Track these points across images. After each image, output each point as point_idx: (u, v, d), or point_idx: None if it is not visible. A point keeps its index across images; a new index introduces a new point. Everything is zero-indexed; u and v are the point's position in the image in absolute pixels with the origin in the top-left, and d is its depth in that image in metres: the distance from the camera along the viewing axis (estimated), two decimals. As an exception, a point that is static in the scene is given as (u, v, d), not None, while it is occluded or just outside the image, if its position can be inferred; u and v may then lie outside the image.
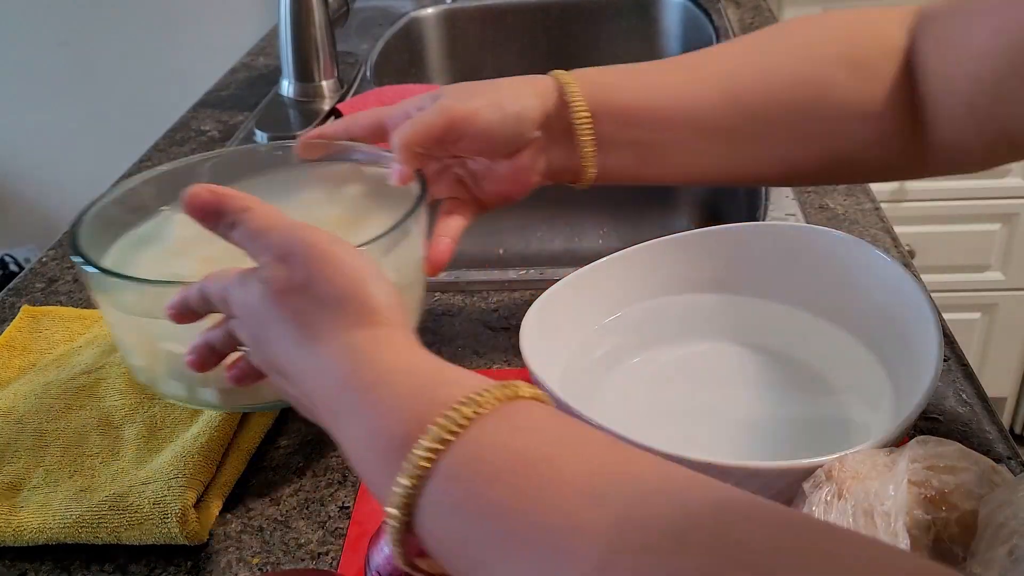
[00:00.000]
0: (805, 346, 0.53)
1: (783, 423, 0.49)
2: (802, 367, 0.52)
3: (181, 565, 0.46)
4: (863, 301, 0.52)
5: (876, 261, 0.52)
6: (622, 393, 0.53)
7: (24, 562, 0.47)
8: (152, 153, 0.93)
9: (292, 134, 0.90)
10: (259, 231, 0.38)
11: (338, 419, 0.34)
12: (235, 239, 0.40)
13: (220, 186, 0.40)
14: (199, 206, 0.40)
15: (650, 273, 0.57)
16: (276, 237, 0.38)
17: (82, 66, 1.76)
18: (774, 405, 0.50)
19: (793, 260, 0.55)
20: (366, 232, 0.49)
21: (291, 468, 0.51)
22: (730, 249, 0.57)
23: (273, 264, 0.37)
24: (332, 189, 0.57)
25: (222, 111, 1.01)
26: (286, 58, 0.96)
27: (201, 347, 0.42)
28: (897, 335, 0.48)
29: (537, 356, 0.48)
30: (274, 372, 0.39)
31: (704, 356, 0.55)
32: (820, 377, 0.51)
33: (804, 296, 0.54)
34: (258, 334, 0.38)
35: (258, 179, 0.57)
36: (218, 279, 0.40)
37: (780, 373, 0.52)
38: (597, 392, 0.53)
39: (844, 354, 0.51)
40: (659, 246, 0.57)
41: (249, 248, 0.39)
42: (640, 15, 1.26)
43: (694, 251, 0.57)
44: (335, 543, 0.46)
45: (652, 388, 0.53)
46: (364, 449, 0.32)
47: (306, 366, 0.35)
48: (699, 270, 0.57)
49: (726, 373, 0.53)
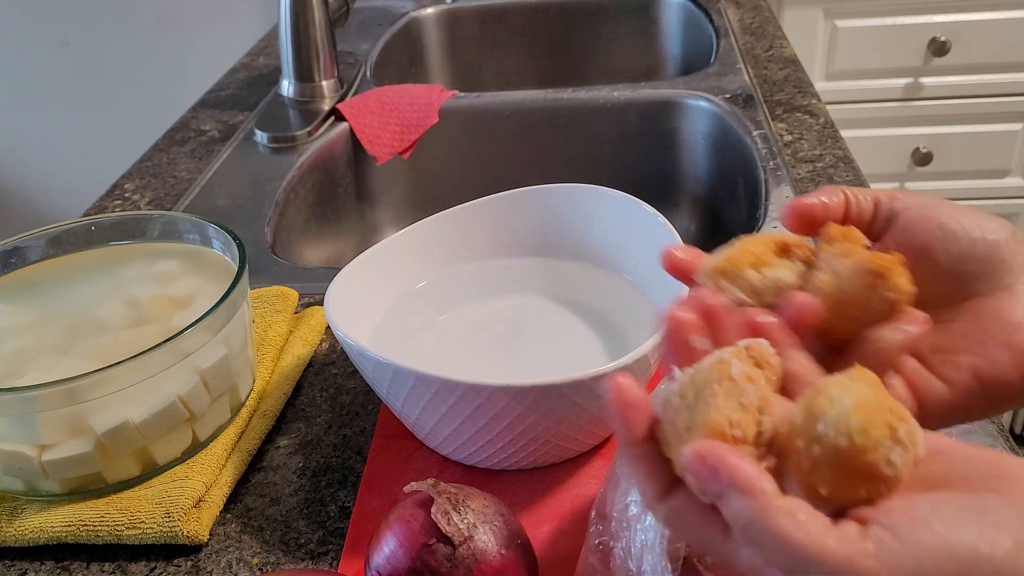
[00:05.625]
0: (595, 294, 0.60)
1: (575, 353, 0.56)
2: (593, 312, 0.59)
3: (181, 565, 0.46)
4: (635, 249, 0.59)
5: (645, 214, 0.57)
6: (431, 345, 0.56)
7: (24, 561, 0.47)
8: (152, 153, 0.93)
9: (291, 134, 0.90)
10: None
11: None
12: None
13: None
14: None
15: (455, 239, 0.61)
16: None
17: (82, 66, 1.76)
18: (567, 344, 0.57)
19: (588, 217, 0.61)
20: (195, 309, 0.51)
21: (291, 468, 0.51)
22: (530, 212, 0.62)
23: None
24: (146, 265, 0.57)
25: (222, 111, 1.01)
26: (286, 58, 0.96)
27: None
28: (660, 274, 0.52)
29: (344, 321, 0.49)
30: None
31: (505, 311, 0.60)
32: (608, 320, 0.58)
33: (591, 251, 0.61)
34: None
35: (87, 253, 0.59)
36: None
37: (575, 319, 0.59)
38: (406, 346, 0.56)
39: (623, 296, 0.59)
40: (455, 214, 0.60)
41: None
42: (640, 15, 1.26)
43: (495, 215, 0.61)
44: (335, 543, 0.46)
45: (458, 340, 0.57)
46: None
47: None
48: (499, 235, 0.61)
49: (527, 323, 0.59)
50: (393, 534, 0.38)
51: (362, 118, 0.94)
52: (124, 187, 0.86)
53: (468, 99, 0.97)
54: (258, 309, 0.61)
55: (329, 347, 0.61)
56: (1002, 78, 1.46)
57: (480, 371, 0.44)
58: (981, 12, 1.43)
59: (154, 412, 0.47)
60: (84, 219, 0.59)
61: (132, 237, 0.59)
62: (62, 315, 0.54)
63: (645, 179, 0.96)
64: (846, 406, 0.26)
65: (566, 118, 0.96)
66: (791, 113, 0.89)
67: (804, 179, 0.76)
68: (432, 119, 0.95)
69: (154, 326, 0.53)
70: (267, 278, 0.67)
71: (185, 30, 1.71)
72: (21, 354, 0.51)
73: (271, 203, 0.80)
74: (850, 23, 1.45)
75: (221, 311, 0.49)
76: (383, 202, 0.99)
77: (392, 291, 0.58)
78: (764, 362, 0.29)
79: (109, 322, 0.53)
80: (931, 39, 1.44)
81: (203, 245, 0.58)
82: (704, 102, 0.91)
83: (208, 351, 0.49)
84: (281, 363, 0.58)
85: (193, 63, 1.67)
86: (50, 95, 1.80)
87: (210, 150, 0.92)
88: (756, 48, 1.07)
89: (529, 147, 0.97)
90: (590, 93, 0.95)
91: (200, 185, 0.85)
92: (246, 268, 0.52)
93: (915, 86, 1.48)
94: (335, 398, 0.56)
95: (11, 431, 0.46)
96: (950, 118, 1.50)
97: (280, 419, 0.55)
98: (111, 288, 0.56)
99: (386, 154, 0.94)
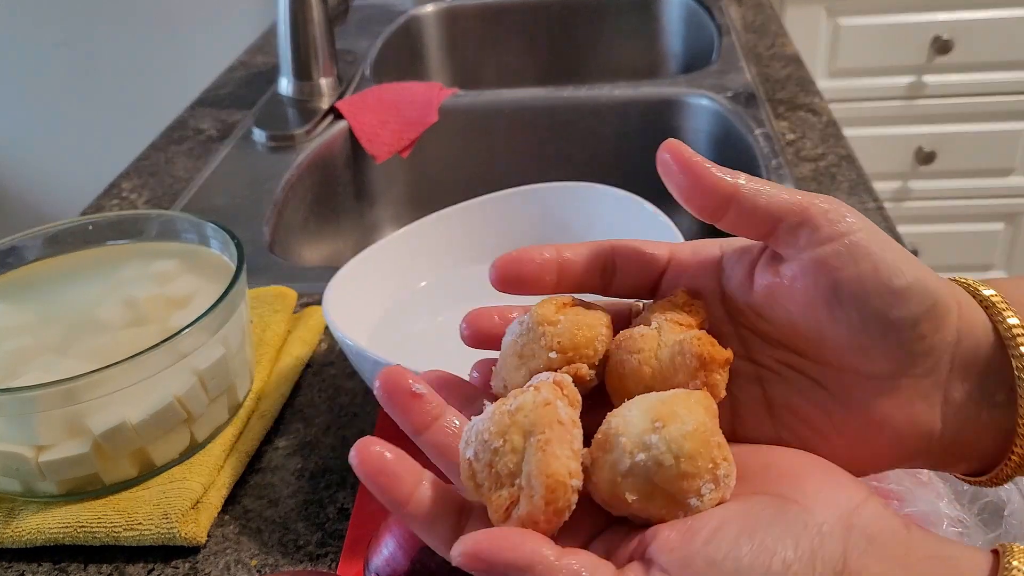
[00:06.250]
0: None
1: None
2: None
3: (179, 567, 0.45)
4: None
5: (647, 213, 0.57)
6: (430, 345, 0.56)
7: (22, 563, 0.46)
8: (150, 152, 0.92)
9: (290, 132, 0.90)
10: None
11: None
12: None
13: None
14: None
15: (454, 239, 0.60)
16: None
17: (80, 65, 1.75)
18: None
19: (589, 216, 0.61)
20: (193, 309, 0.50)
21: (290, 469, 0.51)
22: (531, 211, 0.61)
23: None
24: (144, 265, 0.57)
25: (220, 109, 1.01)
26: (285, 56, 0.96)
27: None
28: None
29: (343, 321, 0.49)
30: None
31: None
32: None
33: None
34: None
35: (85, 253, 0.58)
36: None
37: None
38: (405, 346, 0.55)
39: None
40: (455, 213, 0.60)
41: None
42: (641, 12, 1.26)
43: (494, 214, 0.61)
44: (334, 545, 0.46)
45: (457, 340, 0.57)
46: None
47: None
48: (500, 233, 0.61)
49: None
50: (392, 536, 0.38)
51: (361, 116, 0.94)
52: (121, 186, 0.86)
53: (468, 97, 0.97)
54: (256, 309, 0.61)
55: (328, 347, 0.61)
56: (1005, 76, 1.46)
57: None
58: (984, 10, 1.42)
59: (152, 413, 0.47)
60: (81, 218, 0.59)
61: (130, 236, 0.59)
62: (59, 315, 0.54)
63: (646, 178, 0.95)
64: (686, 427, 0.26)
65: (567, 116, 0.95)
66: (793, 111, 0.89)
67: (807, 178, 0.76)
68: (432, 117, 0.94)
69: (152, 326, 0.52)
70: (265, 278, 0.66)
71: (183, 28, 1.71)
72: (18, 354, 0.50)
73: (269, 202, 0.80)
74: (852, 20, 1.45)
75: (219, 311, 0.48)
76: (382, 201, 0.98)
77: (391, 291, 0.57)
78: (574, 400, 0.28)
79: (107, 322, 0.53)
80: (934, 37, 1.44)
81: (201, 244, 0.58)
82: (706, 100, 0.91)
83: (206, 351, 0.48)
84: (279, 363, 0.57)
85: (191, 61, 1.66)
86: (47, 94, 1.79)
87: (208, 149, 0.91)
88: (758, 46, 1.07)
89: (530, 145, 0.97)
90: (591, 91, 0.95)
91: (198, 184, 0.84)
92: (244, 268, 0.52)
93: (918, 84, 1.48)
94: (334, 399, 0.56)
95: (8, 432, 0.46)
96: (953, 116, 1.49)
97: (278, 420, 0.54)
98: (109, 288, 0.55)
99: (385, 153, 0.94)
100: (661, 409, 0.26)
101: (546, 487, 0.25)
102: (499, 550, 0.25)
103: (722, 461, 0.26)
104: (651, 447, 0.26)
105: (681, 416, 0.26)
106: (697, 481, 0.26)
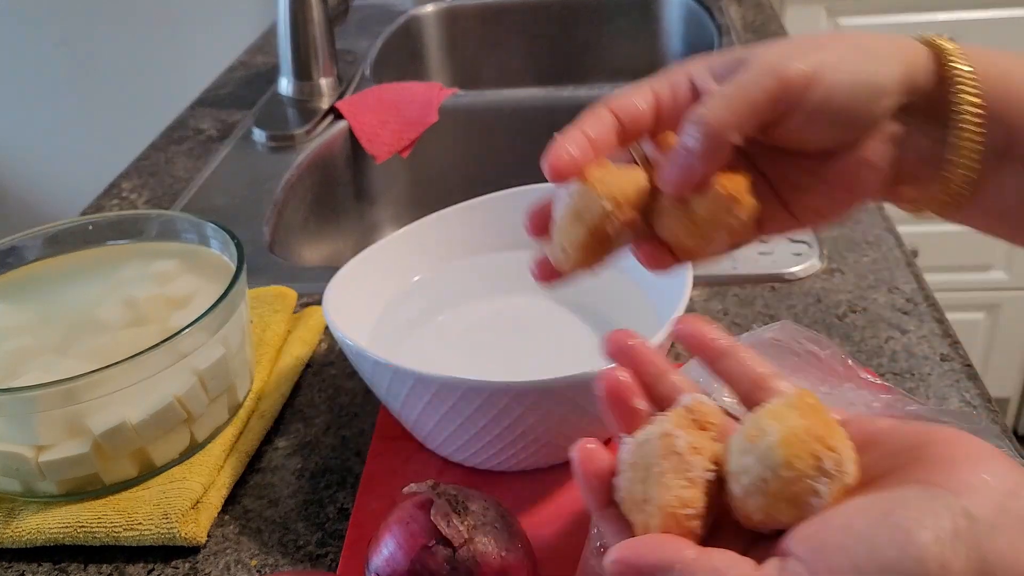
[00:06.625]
0: (595, 294, 0.58)
1: (575, 353, 0.55)
2: (593, 312, 0.58)
3: (179, 567, 0.45)
4: None
5: None
6: (430, 345, 0.56)
7: (22, 563, 0.47)
8: (150, 152, 0.92)
9: (290, 132, 0.90)
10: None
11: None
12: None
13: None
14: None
15: (454, 238, 0.60)
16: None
17: (81, 65, 1.75)
18: (567, 344, 0.56)
19: None
20: (193, 309, 0.50)
21: (290, 470, 0.51)
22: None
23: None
24: (144, 265, 0.57)
25: (220, 109, 1.01)
26: (285, 56, 0.96)
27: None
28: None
29: (343, 321, 0.49)
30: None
31: (505, 310, 0.59)
32: (608, 319, 0.58)
33: None
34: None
35: (85, 253, 0.58)
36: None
37: (575, 319, 0.58)
38: (405, 346, 0.55)
39: (623, 295, 0.58)
40: (455, 212, 0.60)
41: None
42: (641, 12, 1.26)
43: (493, 214, 0.60)
44: (334, 545, 0.46)
45: (457, 340, 0.57)
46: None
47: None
48: (499, 233, 0.60)
49: (526, 323, 0.58)
50: (392, 536, 0.38)
51: (361, 116, 0.94)
52: (121, 186, 0.86)
53: (468, 97, 0.97)
54: (256, 309, 0.61)
55: (328, 347, 0.61)
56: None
57: (480, 371, 0.44)
58: (984, 10, 1.42)
59: (152, 413, 0.47)
60: (81, 218, 0.59)
61: (130, 236, 0.59)
62: (59, 315, 0.54)
63: (646, 178, 0.96)
64: (773, 439, 0.27)
65: (567, 116, 0.94)
66: (793, 111, 0.88)
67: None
68: (432, 117, 0.94)
69: (152, 326, 0.52)
70: (265, 278, 0.66)
71: (183, 28, 1.71)
72: (18, 354, 0.50)
73: (269, 202, 0.80)
74: (852, 20, 1.45)
75: (219, 311, 0.48)
76: (382, 201, 0.98)
77: (391, 291, 0.57)
78: (707, 423, 0.30)
79: (107, 322, 0.53)
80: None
81: (201, 244, 0.58)
82: (705, 100, 0.91)
83: (206, 351, 0.48)
84: (279, 363, 0.57)
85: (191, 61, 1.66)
86: (47, 94, 1.79)
87: (208, 149, 0.91)
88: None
89: (530, 145, 0.96)
90: (591, 91, 0.95)
91: (198, 184, 0.84)
92: (244, 268, 0.52)
93: (917, 84, 1.47)
94: (334, 399, 0.56)
95: (8, 432, 0.46)
96: (952, 116, 1.49)
97: (278, 420, 0.54)
98: (109, 288, 0.55)
99: (385, 153, 0.94)
100: (750, 429, 0.28)
101: (661, 518, 0.28)
102: (642, 555, 0.27)
103: (826, 453, 0.27)
104: (749, 469, 0.27)
105: (766, 428, 0.27)
106: (805, 482, 0.27)
